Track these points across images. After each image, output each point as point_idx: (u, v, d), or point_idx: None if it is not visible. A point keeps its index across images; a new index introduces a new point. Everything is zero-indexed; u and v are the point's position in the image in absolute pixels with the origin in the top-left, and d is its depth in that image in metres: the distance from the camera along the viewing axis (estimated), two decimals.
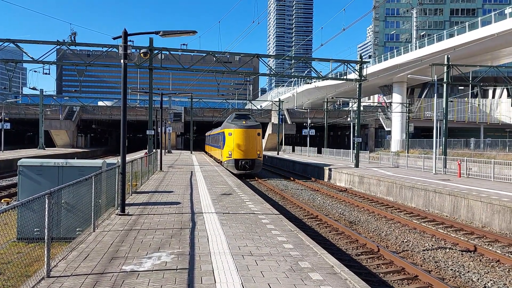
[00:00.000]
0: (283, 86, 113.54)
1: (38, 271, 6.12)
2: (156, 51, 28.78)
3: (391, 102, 63.47)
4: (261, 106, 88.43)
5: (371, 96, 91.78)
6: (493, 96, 74.71)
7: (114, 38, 12.16)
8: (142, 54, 25.52)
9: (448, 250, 11.48)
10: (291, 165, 40.12)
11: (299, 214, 16.88)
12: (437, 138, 25.85)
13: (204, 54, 30.37)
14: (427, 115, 59.92)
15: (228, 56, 34.31)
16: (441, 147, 29.82)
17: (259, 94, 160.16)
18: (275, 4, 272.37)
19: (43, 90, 51.39)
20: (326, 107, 54.82)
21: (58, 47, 28.22)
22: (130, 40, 18.66)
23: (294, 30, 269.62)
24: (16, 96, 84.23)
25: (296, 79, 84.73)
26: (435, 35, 53.91)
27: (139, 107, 62.27)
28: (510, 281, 9.14)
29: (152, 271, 6.37)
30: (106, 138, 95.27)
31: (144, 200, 13.55)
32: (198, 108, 67.37)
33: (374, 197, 21.60)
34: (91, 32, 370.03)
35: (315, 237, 11.96)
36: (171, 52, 28.83)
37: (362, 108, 60.59)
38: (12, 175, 28.71)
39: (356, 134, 29.93)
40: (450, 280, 9.10)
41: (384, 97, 72.96)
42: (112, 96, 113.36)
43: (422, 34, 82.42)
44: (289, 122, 62.30)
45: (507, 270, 9.82)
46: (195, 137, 72.78)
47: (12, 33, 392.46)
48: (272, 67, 33.12)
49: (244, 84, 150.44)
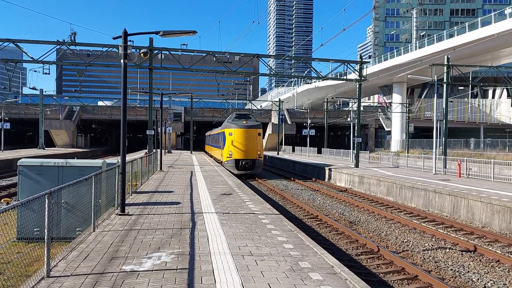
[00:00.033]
0: (283, 86, 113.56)
1: (38, 271, 6.12)
2: (156, 51, 28.79)
3: (391, 102, 63.49)
4: (261, 106, 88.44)
5: (371, 96, 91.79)
6: (493, 96, 74.74)
7: (114, 38, 12.17)
8: (142, 54, 25.55)
9: (448, 250, 11.48)
10: (291, 165, 40.12)
11: (299, 214, 16.88)
12: (437, 138, 25.85)
13: (204, 54, 30.37)
14: (427, 115, 59.91)
15: (228, 56, 34.36)
16: (441, 147, 29.82)
17: (259, 94, 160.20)
18: (275, 4, 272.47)
19: (43, 90, 51.42)
20: (326, 107, 54.84)
21: (58, 47, 28.23)
22: (130, 40, 18.69)
23: (294, 30, 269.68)
24: (16, 96, 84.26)
25: (296, 79, 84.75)
26: (435, 35, 53.92)
27: (139, 107, 62.28)
28: (510, 281, 9.14)
29: (152, 271, 6.36)
30: (106, 138, 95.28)
31: (144, 200, 13.55)
32: (198, 108, 67.38)
33: (374, 197, 21.60)
34: (91, 32, 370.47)
35: (315, 237, 11.96)
36: (171, 52, 28.84)
37: (362, 108, 60.62)
38: (12, 175, 28.72)
39: (356, 134, 29.93)
40: (450, 280, 9.10)
41: (384, 97, 72.97)
42: (112, 96, 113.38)
43: (422, 34, 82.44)
44: (289, 122, 62.31)
45: (507, 270, 9.83)
46: (195, 137, 72.81)
47: (12, 33, 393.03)
48: (272, 67, 33.11)
49: (244, 84, 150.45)
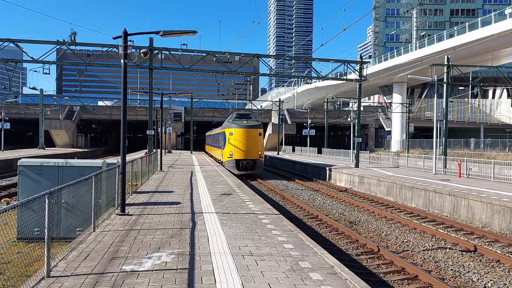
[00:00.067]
0: (283, 86, 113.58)
1: (38, 271, 6.12)
2: (156, 51, 28.78)
3: (391, 102, 63.48)
4: (261, 106, 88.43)
5: (371, 96, 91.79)
6: (493, 97, 74.74)
7: (114, 38, 12.17)
8: (142, 54, 25.53)
9: (448, 250, 11.48)
10: (291, 165, 40.11)
11: (299, 214, 16.88)
12: (437, 138, 25.85)
13: (204, 54, 30.36)
14: (427, 115, 59.92)
15: (228, 56, 34.32)
16: (441, 147, 29.82)
17: (259, 94, 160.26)
18: (275, 4, 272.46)
19: (43, 90, 51.41)
20: (326, 107, 54.84)
21: (58, 47, 28.23)
22: (130, 40, 18.68)
23: (294, 30, 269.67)
24: (16, 96, 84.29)
25: (296, 79, 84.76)
26: (435, 36, 53.92)
27: (139, 107, 62.28)
28: (510, 281, 9.14)
29: (152, 271, 6.36)
30: (106, 138, 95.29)
31: (144, 200, 13.55)
32: (198, 108, 67.38)
33: (374, 197, 21.59)
34: (91, 32, 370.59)
35: (315, 237, 11.96)
36: (171, 52, 28.83)
37: (362, 108, 60.60)
38: (12, 175, 28.72)
39: (356, 134, 29.92)
40: (450, 280, 9.10)
41: (384, 97, 72.97)
42: (112, 96, 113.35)
43: (422, 34, 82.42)
44: (289, 122, 62.31)
45: (507, 270, 9.82)
46: (195, 137, 72.81)
47: (12, 33, 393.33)
48: (272, 67, 33.10)
49: (244, 84, 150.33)
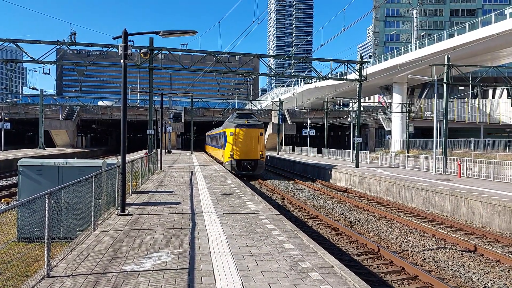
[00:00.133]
0: (283, 86, 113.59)
1: (38, 271, 6.12)
2: (156, 51, 28.79)
3: (391, 102, 63.47)
4: (261, 106, 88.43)
5: (371, 96, 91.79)
6: (493, 96, 74.73)
7: (114, 38, 12.18)
8: (142, 54, 25.52)
9: (448, 250, 11.48)
10: (291, 165, 40.11)
11: (299, 214, 16.88)
12: (437, 138, 25.85)
13: (204, 54, 30.37)
14: (427, 115, 59.92)
15: (228, 56, 34.31)
16: (441, 147, 29.81)
17: (259, 94, 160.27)
18: (275, 4, 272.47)
19: (43, 90, 51.41)
20: (326, 107, 54.85)
21: (58, 47, 28.23)
22: (130, 40, 18.67)
23: (294, 30, 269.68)
24: (16, 96, 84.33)
25: (296, 79, 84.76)
26: (435, 35, 53.91)
27: (139, 107, 62.28)
28: (510, 281, 9.14)
29: (152, 271, 6.36)
30: (106, 138, 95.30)
31: (144, 200, 13.55)
32: (198, 108, 67.38)
33: (374, 197, 21.59)
34: (91, 32, 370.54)
35: (315, 237, 11.96)
36: (171, 52, 28.83)
37: (362, 108, 60.59)
38: (12, 175, 28.72)
39: (356, 134, 29.92)
40: (450, 280, 9.10)
41: (384, 97, 72.97)
42: (112, 96, 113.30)
43: (422, 34, 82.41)
44: (289, 122, 62.31)
45: (507, 270, 9.82)
46: (195, 137, 72.80)
47: (12, 33, 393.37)
48: (272, 67, 33.11)
49: (244, 84, 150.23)
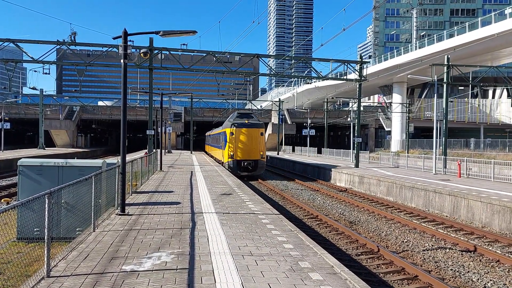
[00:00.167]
0: (283, 86, 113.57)
1: (38, 271, 6.12)
2: (156, 51, 28.78)
3: (391, 102, 63.48)
4: (261, 106, 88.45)
5: (371, 96, 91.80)
6: (493, 97, 74.73)
7: (114, 38, 12.17)
8: (142, 54, 25.52)
9: (448, 250, 11.48)
10: (291, 165, 40.12)
11: (299, 214, 16.88)
12: (437, 138, 25.85)
13: (204, 54, 30.36)
14: (427, 115, 59.91)
15: (228, 56, 34.33)
16: (441, 147, 29.82)
17: (259, 94, 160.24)
18: (275, 4, 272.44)
19: (43, 90, 51.43)
20: (326, 107, 54.84)
21: (58, 47, 28.23)
22: (130, 40, 18.68)
23: (294, 30, 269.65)
24: (16, 96, 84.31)
25: (296, 79, 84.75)
26: (435, 35, 53.91)
27: (139, 107, 62.28)
28: (510, 281, 9.14)
29: (152, 271, 6.36)
30: (106, 138, 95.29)
31: (144, 200, 13.55)
32: (198, 108, 67.36)
33: (374, 197, 21.60)
34: (91, 32, 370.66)
35: (315, 237, 11.96)
36: (171, 52, 28.83)
37: (362, 108, 60.62)
38: (12, 175, 28.72)
39: (356, 134, 29.92)
40: (450, 280, 9.10)
41: (384, 97, 72.97)
42: (112, 96, 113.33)
43: (422, 34, 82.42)
44: (289, 122, 62.31)
45: (507, 270, 9.83)
46: (195, 137, 72.80)
47: (12, 33, 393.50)
48: (272, 67, 33.10)
49: (244, 84, 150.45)
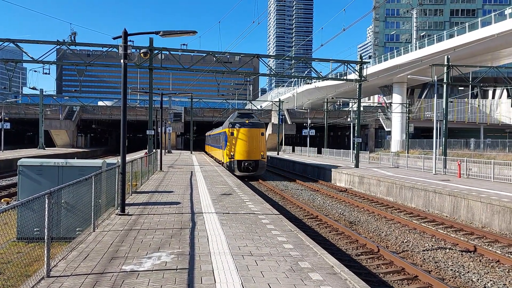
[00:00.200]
0: (283, 86, 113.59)
1: (38, 271, 6.12)
2: (156, 51, 28.78)
3: (391, 103, 63.50)
4: (261, 106, 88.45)
5: (371, 97, 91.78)
6: (493, 97, 74.74)
7: (114, 38, 12.17)
8: (142, 54, 25.49)
9: (448, 251, 11.48)
10: (291, 165, 40.12)
11: (299, 214, 16.88)
12: (437, 139, 25.85)
13: (204, 54, 30.37)
14: (427, 115, 59.91)
15: (228, 56, 34.33)
16: (441, 148, 29.82)
17: (259, 94, 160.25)
18: (275, 4, 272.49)
19: (43, 90, 51.42)
20: (326, 108, 54.84)
21: (58, 47, 28.23)
22: (130, 40, 18.67)
23: (294, 30, 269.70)
24: (16, 96, 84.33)
25: (296, 79, 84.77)
26: (435, 36, 53.91)
27: (139, 107, 62.28)
28: (510, 281, 9.14)
29: (152, 271, 6.36)
30: (106, 138, 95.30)
31: (144, 200, 13.55)
32: (198, 108, 67.35)
33: (374, 197, 21.60)
34: (91, 32, 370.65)
35: (315, 237, 11.96)
36: (171, 52, 28.83)
37: (362, 109, 60.58)
38: (12, 175, 28.72)
39: (356, 135, 29.92)
40: (450, 280, 9.10)
41: (384, 97, 72.97)
42: (112, 96, 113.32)
43: (422, 34, 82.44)
44: (289, 122, 62.31)
45: (507, 270, 9.83)
46: (195, 137, 72.79)
47: (12, 33, 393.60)
48: (272, 67, 33.10)
49: (244, 84, 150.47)
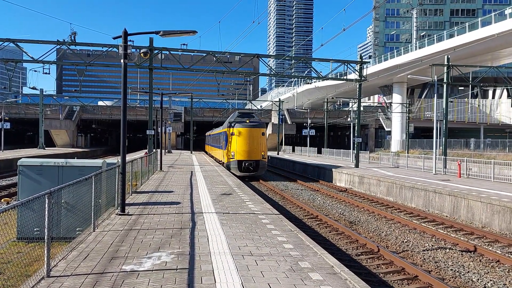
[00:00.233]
0: (283, 86, 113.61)
1: (38, 271, 6.12)
2: (156, 51, 28.78)
3: (391, 102, 63.49)
4: (261, 106, 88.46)
5: (371, 96, 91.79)
6: (493, 97, 74.74)
7: (114, 38, 12.18)
8: (142, 54, 25.46)
9: (448, 250, 11.48)
10: (291, 165, 40.12)
11: (299, 214, 16.87)
12: (437, 139, 25.85)
13: (204, 54, 30.35)
14: (427, 115, 59.90)
15: (228, 56, 34.34)
16: (441, 147, 29.81)
17: (259, 94, 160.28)
18: (275, 4, 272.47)
19: (43, 90, 51.39)
20: (326, 107, 54.85)
21: (58, 46, 28.22)
22: (130, 40, 18.67)
23: (294, 30, 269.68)
24: (16, 96, 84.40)
25: (296, 79, 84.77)
26: (435, 36, 53.91)
27: (139, 107, 62.29)
28: (510, 281, 9.14)
29: (152, 271, 6.36)
30: (106, 138, 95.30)
31: (144, 200, 13.54)
32: (198, 108, 67.36)
33: (374, 197, 21.59)
34: (91, 32, 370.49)
35: (315, 237, 11.95)
36: (171, 52, 28.82)
37: (362, 108, 60.57)
38: (12, 175, 28.72)
39: (356, 134, 29.92)
40: (450, 280, 9.10)
41: (384, 97, 72.98)
42: (112, 96, 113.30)
43: (422, 34, 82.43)
44: (289, 122, 62.32)
45: (507, 270, 9.82)
46: (195, 137, 72.80)
47: (12, 33, 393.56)
48: (272, 67, 33.10)
49: (244, 84, 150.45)
